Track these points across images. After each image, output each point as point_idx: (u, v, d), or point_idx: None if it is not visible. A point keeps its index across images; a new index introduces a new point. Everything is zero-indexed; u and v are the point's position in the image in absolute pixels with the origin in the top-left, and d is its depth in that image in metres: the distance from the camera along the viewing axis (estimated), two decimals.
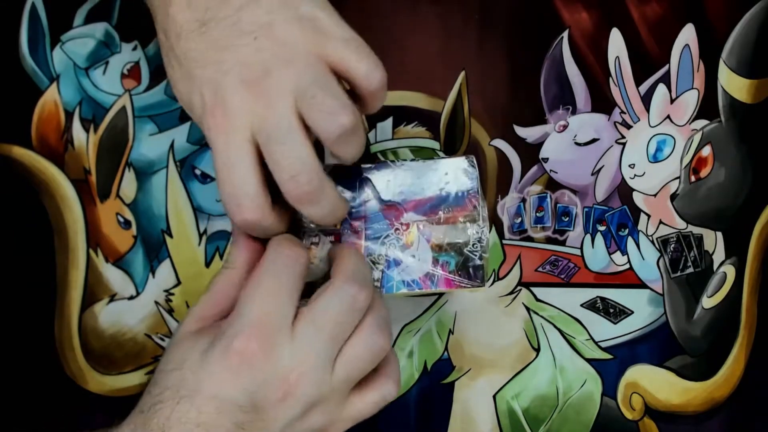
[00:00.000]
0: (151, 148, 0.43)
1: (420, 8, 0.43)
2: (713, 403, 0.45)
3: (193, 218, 0.43)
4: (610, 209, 0.45)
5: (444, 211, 0.38)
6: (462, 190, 0.38)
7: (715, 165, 0.45)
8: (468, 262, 0.38)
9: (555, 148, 0.44)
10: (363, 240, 0.38)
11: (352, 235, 0.38)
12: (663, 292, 0.45)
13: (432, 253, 0.38)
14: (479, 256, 0.38)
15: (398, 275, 0.38)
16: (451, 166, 0.39)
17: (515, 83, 0.44)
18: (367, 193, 0.38)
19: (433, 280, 0.38)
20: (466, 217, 0.38)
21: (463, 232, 0.38)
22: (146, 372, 0.44)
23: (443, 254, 0.38)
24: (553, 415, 0.45)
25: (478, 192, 0.38)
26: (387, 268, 0.38)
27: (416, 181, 0.39)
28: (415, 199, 0.38)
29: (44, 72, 0.43)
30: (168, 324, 0.44)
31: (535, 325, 0.45)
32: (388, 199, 0.39)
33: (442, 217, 0.38)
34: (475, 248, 0.38)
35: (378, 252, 0.38)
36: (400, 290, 0.38)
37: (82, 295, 0.43)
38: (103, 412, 0.44)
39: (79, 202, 0.43)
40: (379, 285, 0.38)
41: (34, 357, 0.43)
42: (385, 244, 0.38)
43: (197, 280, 0.44)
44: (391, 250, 0.38)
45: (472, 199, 0.38)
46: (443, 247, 0.38)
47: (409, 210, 0.39)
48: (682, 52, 0.44)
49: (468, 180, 0.39)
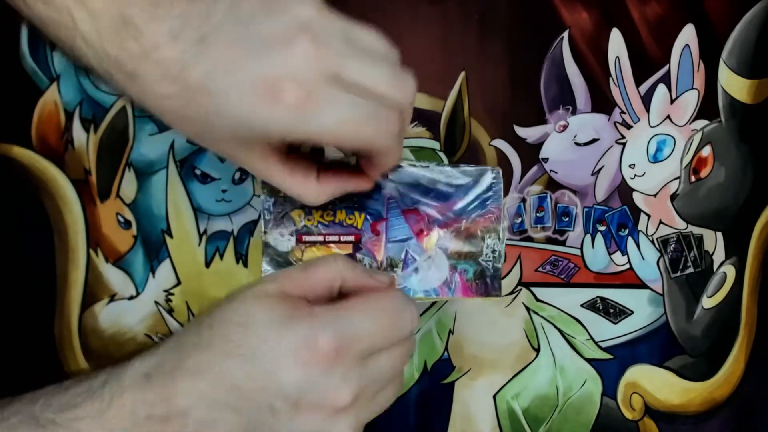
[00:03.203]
0: (151, 148, 0.43)
1: (420, 8, 0.43)
2: (713, 403, 0.45)
3: (193, 218, 0.43)
4: (610, 209, 0.45)
5: (466, 220, 0.38)
6: (486, 202, 0.39)
7: (715, 165, 0.45)
8: (486, 272, 0.38)
9: (555, 148, 0.44)
10: (383, 242, 0.38)
11: (373, 237, 0.38)
12: (663, 292, 0.45)
13: (450, 261, 0.38)
14: (493, 266, 0.38)
15: (417, 282, 0.38)
16: (476, 176, 0.39)
17: (515, 83, 0.44)
18: (389, 194, 0.38)
19: (451, 287, 0.38)
20: (485, 228, 0.38)
21: (481, 242, 0.38)
22: None
23: (462, 262, 0.38)
24: (553, 415, 0.45)
25: (501, 205, 0.38)
26: (405, 272, 0.38)
27: (440, 188, 0.39)
28: (438, 206, 0.38)
29: (44, 72, 0.42)
30: (168, 324, 0.44)
31: (535, 325, 0.45)
32: (410, 203, 0.38)
33: (463, 225, 0.38)
34: (488, 258, 0.38)
35: (397, 255, 0.38)
36: (417, 295, 0.38)
37: (82, 295, 0.43)
38: None
39: (79, 202, 0.43)
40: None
41: (34, 357, 0.43)
42: (404, 248, 0.38)
43: (197, 280, 0.44)
44: (410, 255, 0.38)
45: (495, 211, 0.38)
46: (462, 254, 0.38)
47: (432, 216, 0.39)
48: (682, 52, 0.44)
49: (491, 192, 0.39)
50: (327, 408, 0.31)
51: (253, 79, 0.29)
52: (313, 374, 0.30)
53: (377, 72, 0.30)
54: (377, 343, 0.32)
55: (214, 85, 0.29)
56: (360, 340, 0.31)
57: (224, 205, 0.43)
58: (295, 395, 0.30)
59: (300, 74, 0.29)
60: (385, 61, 0.31)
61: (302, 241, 0.38)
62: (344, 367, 0.30)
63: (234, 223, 0.43)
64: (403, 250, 0.38)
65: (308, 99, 0.29)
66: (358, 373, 0.31)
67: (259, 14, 0.30)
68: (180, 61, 0.29)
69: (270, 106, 0.29)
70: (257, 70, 0.29)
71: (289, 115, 0.29)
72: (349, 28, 0.31)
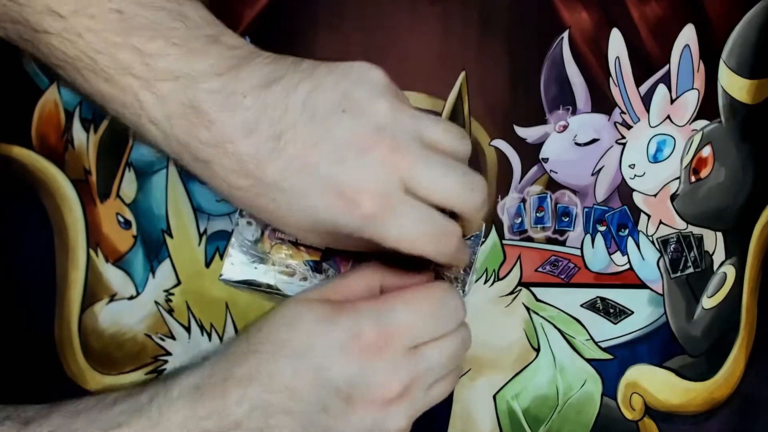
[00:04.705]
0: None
1: (420, 8, 0.43)
2: (713, 403, 0.45)
3: (193, 218, 0.43)
4: (610, 209, 0.45)
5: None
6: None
7: (716, 165, 0.45)
8: None
9: (555, 148, 0.44)
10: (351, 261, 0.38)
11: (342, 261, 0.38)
12: (663, 293, 0.45)
13: None
14: None
15: None
16: None
17: (515, 83, 0.44)
18: None
19: None
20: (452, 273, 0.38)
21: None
22: (146, 372, 0.44)
23: None
24: (553, 415, 0.45)
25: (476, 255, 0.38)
26: None
27: None
28: None
29: (44, 72, 0.42)
30: (168, 324, 0.44)
31: (535, 325, 0.45)
32: None
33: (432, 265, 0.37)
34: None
35: None
36: None
37: (82, 295, 0.43)
38: None
39: (79, 202, 0.43)
40: None
41: (34, 357, 0.43)
42: None
43: (197, 280, 0.44)
44: None
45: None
46: None
47: None
48: (682, 53, 0.44)
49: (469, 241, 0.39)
50: (378, 400, 0.31)
51: (330, 183, 0.29)
52: (361, 366, 0.30)
53: (448, 182, 0.31)
54: (423, 334, 0.32)
55: (290, 183, 0.29)
56: (404, 331, 0.31)
57: (224, 205, 0.43)
58: (345, 390, 0.30)
59: (376, 186, 0.29)
60: (455, 165, 0.31)
61: (274, 236, 0.38)
62: (391, 358, 0.31)
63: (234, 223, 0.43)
64: None
65: (382, 209, 0.29)
66: (406, 363, 0.31)
67: (336, 114, 0.29)
68: (255, 157, 0.29)
69: (344, 211, 0.30)
70: (335, 176, 0.29)
71: (361, 221, 0.30)
72: (422, 122, 0.31)
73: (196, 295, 0.44)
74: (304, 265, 0.37)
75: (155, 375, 0.44)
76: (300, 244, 0.38)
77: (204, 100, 0.29)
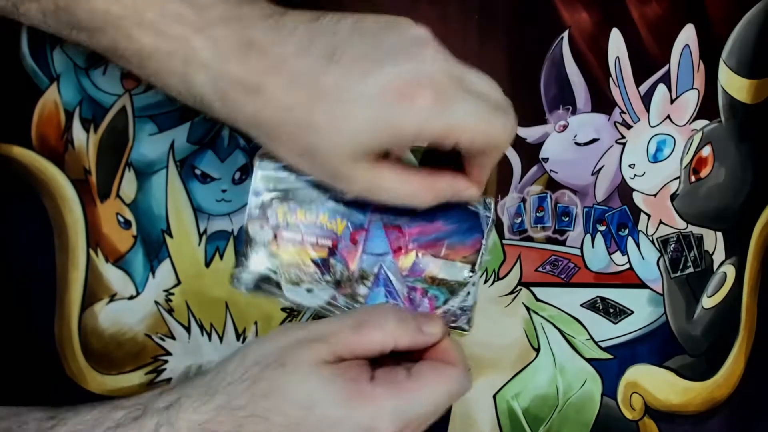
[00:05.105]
0: (151, 148, 0.43)
1: (420, 8, 0.43)
2: (713, 403, 0.45)
3: (193, 218, 0.43)
4: (610, 209, 0.45)
5: (447, 246, 0.38)
6: (470, 231, 0.38)
7: (715, 165, 0.45)
8: (455, 302, 0.38)
9: (555, 148, 0.44)
10: (359, 252, 0.38)
11: (350, 245, 0.38)
12: (663, 292, 0.45)
13: (423, 285, 0.38)
14: (464, 300, 0.38)
15: (385, 297, 0.38)
16: (466, 203, 0.38)
17: (515, 83, 0.44)
18: (375, 207, 0.38)
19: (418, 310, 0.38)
20: (465, 258, 0.38)
21: (459, 271, 0.38)
22: (146, 372, 0.44)
23: (433, 287, 0.38)
24: (553, 415, 0.45)
25: (485, 237, 0.38)
26: (375, 286, 0.38)
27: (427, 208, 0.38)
28: (421, 226, 0.38)
29: (44, 72, 0.42)
30: (168, 324, 0.44)
31: (535, 324, 0.45)
32: (395, 219, 0.38)
33: (443, 251, 0.38)
34: (462, 291, 0.38)
35: (370, 268, 0.38)
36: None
37: (82, 295, 0.43)
38: None
39: (79, 202, 0.43)
40: (363, 301, 0.37)
41: (34, 357, 0.43)
42: (378, 262, 0.38)
43: (197, 280, 0.44)
44: (383, 272, 0.38)
45: (477, 243, 0.38)
46: (436, 280, 0.38)
47: (413, 235, 0.38)
48: (682, 52, 0.44)
49: (479, 222, 0.38)
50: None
51: (384, 84, 0.30)
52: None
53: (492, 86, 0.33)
54: (433, 418, 0.33)
55: (345, 92, 0.30)
56: (418, 421, 0.32)
57: (224, 205, 0.43)
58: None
59: (431, 76, 0.31)
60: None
61: (281, 237, 0.38)
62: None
63: (234, 223, 0.43)
64: (377, 264, 0.38)
65: (440, 97, 0.31)
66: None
67: (382, 32, 0.32)
68: (309, 72, 0.31)
69: (403, 107, 0.30)
70: (389, 77, 0.30)
71: (423, 113, 0.30)
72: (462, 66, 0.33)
73: (196, 295, 0.44)
74: (312, 265, 0.37)
75: (155, 375, 0.44)
76: (307, 242, 0.37)
77: (257, 35, 0.31)
